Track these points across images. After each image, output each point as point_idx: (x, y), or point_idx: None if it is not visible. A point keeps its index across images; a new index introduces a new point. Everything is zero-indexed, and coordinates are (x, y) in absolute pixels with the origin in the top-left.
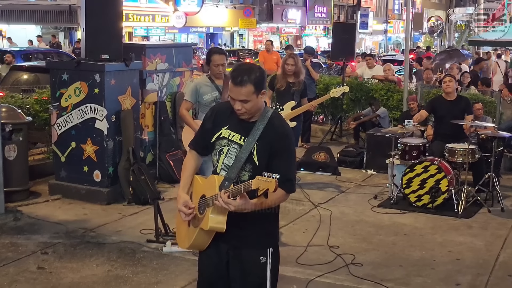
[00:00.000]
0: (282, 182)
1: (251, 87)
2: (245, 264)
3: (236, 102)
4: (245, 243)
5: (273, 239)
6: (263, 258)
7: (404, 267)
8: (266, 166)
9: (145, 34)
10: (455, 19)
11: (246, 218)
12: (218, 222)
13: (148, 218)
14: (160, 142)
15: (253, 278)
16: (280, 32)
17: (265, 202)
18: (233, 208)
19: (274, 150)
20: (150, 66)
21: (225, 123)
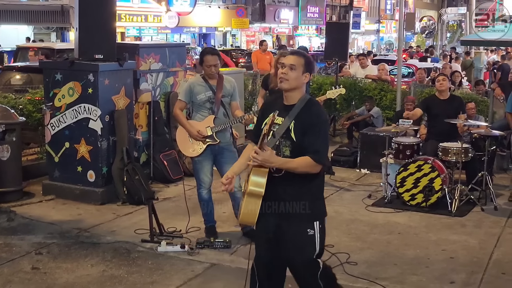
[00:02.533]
0: (310, 153)
1: (303, 60)
2: (294, 237)
3: (285, 67)
4: (293, 217)
5: (319, 212)
6: (311, 230)
7: (399, 266)
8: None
9: (138, 34)
10: (447, 19)
11: (293, 194)
12: (257, 185)
13: (143, 218)
14: (154, 142)
15: (302, 250)
16: (273, 32)
17: (291, 163)
18: (260, 159)
19: (307, 127)
20: (143, 66)
21: (271, 111)
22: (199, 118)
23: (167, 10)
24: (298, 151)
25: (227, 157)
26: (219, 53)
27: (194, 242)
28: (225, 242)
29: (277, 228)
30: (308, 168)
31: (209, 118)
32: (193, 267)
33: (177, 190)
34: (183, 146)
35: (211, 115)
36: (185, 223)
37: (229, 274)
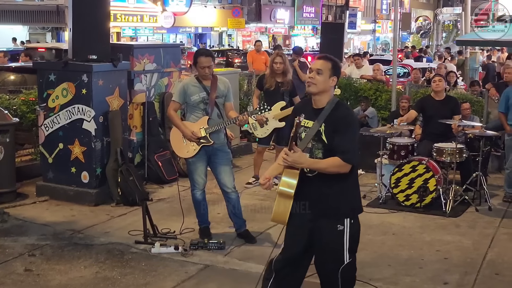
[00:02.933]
0: (339, 153)
1: (330, 64)
2: (324, 231)
3: (313, 71)
4: (324, 213)
5: (351, 209)
6: (340, 226)
7: (393, 267)
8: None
9: (133, 34)
10: (443, 19)
11: (325, 191)
12: (287, 185)
13: (137, 219)
14: (149, 143)
15: (331, 244)
16: (269, 32)
17: (320, 163)
18: (290, 160)
19: (337, 128)
20: (138, 67)
21: (301, 114)
22: (193, 119)
23: (162, 10)
24: (330, 153)
25: (221, 158)
26: (212, 54)
27: (188, 243)
28: (219, 243)
29: (310, 225)
30: (338, 168)
31: (203, 119)
32: (187, 268)
33: (171, 191)
34: (177, 147)
35: (205, 116)
36: (180, 224)
37: (223, 275)
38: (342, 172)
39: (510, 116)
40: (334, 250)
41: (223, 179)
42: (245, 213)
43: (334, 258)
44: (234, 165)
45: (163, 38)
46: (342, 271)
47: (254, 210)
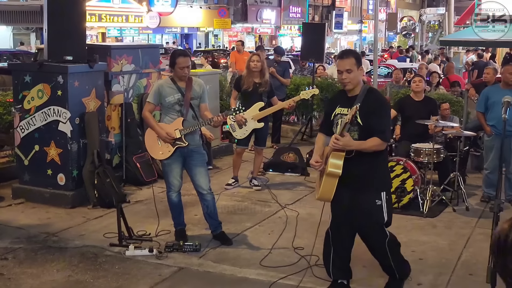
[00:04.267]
0: (377, 133)
1: (353, 59)
2: (364, 206)
3: (343, 72)
4: (363, 190)
5: (385, 184)
6: (379, 201)
7: (368, 268)
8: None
9: (119, 34)
10: (427, 19)
11: (363, 170)
12: (335, 166)
13: (113, 222)
14: (127, 144)
15: (372, 218)
16: (255, 32)
17: (365, 144)
18: (340, 143)
19: (371, 111)
20: (115, 68)
21: (337, 104)
22: (168, 120)
23: (148, 10)
24: (365, 133)
25: (196, 159)
26: (190, 55)
27: (163, 246)
28: (195, 246)
29: (350, 200)
30: (378, 147)
31: (177, 120)
32: (161, 271)
33: (149, 193)
34: (151, 149)
35: (180, 117)
36: (156, 226)
37: (197, 278)
38: (379, 150)
39: (490, 117)
40: (376, 224)
41: (199, 180)
42: (223, 215)
43: (377, 231)
44: (214, 166)
45: (148, 39)
46: (388, 243)
47: (232, 211)
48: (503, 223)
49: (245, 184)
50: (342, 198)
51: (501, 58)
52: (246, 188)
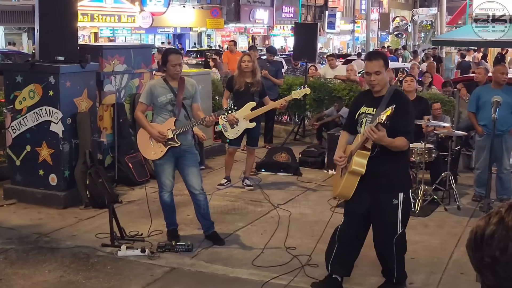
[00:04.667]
0: (402, 133)
1: (381, 61)
2: (381, 205)
3: (372, 74)
4: (381, 188)
5: (404, 185)
6: (395, 200)
7: (360, 267)
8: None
9: (111, 34)
10: (419, 19)
11: (383, 169)
12: (359, 165)
13: (105, 222)
14: (119, 145)
15: (387, 216)
16: (248, 32)
17: (394, 142)
18: (375, 136)
19: (397, 112)
20: (107, 68)
21: (362, 103)
22: (160, 120)
23: (140, 10)
24: (390, 134)
25: (188, 159)
26: (182, 53)
27: (156, 246)
28: (187, 246)
29: (369, 199)
30: (404, 147)
31: (170, 120)
32: (153, 271)
33: (142, 193)
34: (144, 149)
35: (172, 117)
36: (148, 226)
37: (189, 278)
38: (404, 149)
39: (481, 117)
40: (390, 222)
41: (191, 180)
42: (215, 215)
43: (389, 229)
44: (207, 166)
45: (141, 39)
46: (396, 240)
47: (224, 211)
48: (479, 220)
49: (237, 184)
50: (360, 196)
51: (492, 58)
52: (239, 188)
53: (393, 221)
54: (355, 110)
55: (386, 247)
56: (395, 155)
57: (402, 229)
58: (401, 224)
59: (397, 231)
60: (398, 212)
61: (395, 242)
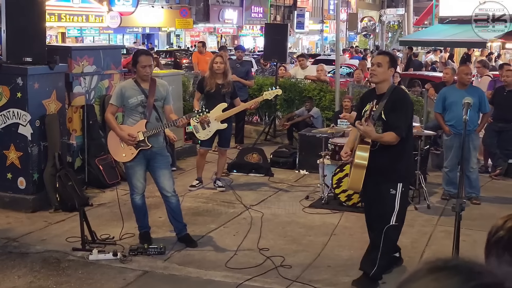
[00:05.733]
0: (393, 128)
1: (387, 57)
2: (381, 194)
3: (374, 65)
4: (382, 179)
5: (405, 176)
6: (393, 190)
7: (333, 267)
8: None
9: (79, 34)
10: (386, 20)
11: (383, 161)
12: (361, 158)
13: (75, 225)
14: (89, 147)
15: (383, 205)
16: (217, 32)
17: (382, 137)
18: (362, 129)
19: (393, 108)
20: (76, 69)
21: (368, 101)
22: (131, 122)
23: (108, 10)
24: (388, 128)
25: (160, 161)
26: (152, 54)
27: (127, 249)
28: (159, 248)
29: (372, 188)
30: (392, 141)
31: (140, 122)
32: (125, 275)
33: (112, 195)
34: (114, 151)
35: (143, 119)
36: (120, 229)
37: (162, 281)
38: (394, 144)
39: (448, 117)
40: (384, 212)
41: (162, 183)
42: (187, 216)
43: (383, 218)
44: (178, 167)
45: (109, 39)
46: (386, 230)
47: (196, 213)
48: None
49: (209, 185)
50: (367, 187)
51: (459, 58)
52: (210, 189)
53: (388, 210)
54: (361, 107)
55: (376, 234)
56: (396, 148)
57: (396, 222)
58: (396, 217)
59: (390, 221)
60: (396, 202)
61: (385, 232)
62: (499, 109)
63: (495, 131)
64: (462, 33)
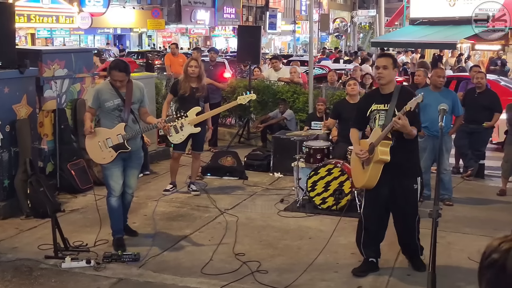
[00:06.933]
0: (413, 123)
1: (391, 59)
2: (404, 189)
3: (380, 68)
4: (403, 174)
5: (419, 170)
6: (415, 185)
7: (308, 272)
8: None
9: (49, 35)
10: (358, 21)
11: (403, 157)
12: (385, 153)
13: (47, 232)
14: (61, 151)
15: (410, 200)
16: (189, 33)
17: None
18: (400, 123)
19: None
20: (47, 73)
21: (373, 101)
22: (109, 125)
23: (79, 11)
24: None
25: (134, 161)
26: (128, 69)
27: (101, 256)
28: (134, 255)
29: (392, 185)
30: (414, 134)
31: (120, 126)
32: (99, 283)
33: (85, 201)
34: (93, 153)
35: (122, 123)
36: (93, 235)
37: None
38: (412, 138)
39: (422, 119)
40: (412, 206)
41: (129, 181)
42: (162, 222)
43: (412, 212)
44: (152, 171)
45: (80, 40)
46: (418, 220)
47: (171, 218)
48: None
49: (183, 189)
50: (382, 183)
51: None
52: (185, 193)
53: (414, 204)
54: (365, 108)
55: (410, 229)
56: (411, 145)
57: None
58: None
59: (417, 213)
60: (418, 196)
61: (417, 223)
62: (470, 111)
63: (467, 133)
64: (433, 35)
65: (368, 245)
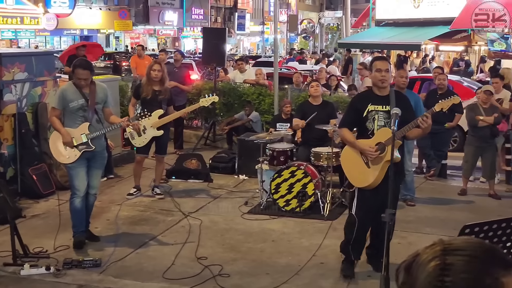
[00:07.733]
0: None
1: (388, 63)
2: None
3: (383, 71)
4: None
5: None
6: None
7: (271, 275)
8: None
9: (14, 37)
10: (325, 22)
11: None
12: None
13: (7, 239)
14: (22, 156)
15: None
16: (158, 34)
17: None
18: (429, 122)
19: (405, 107)
20: (7, 76)
21: (368, 102)
22: (72, 125)
23: (44, 11)
24: (401, 124)
25: (98, 162)
26: (91, 67)
27: (62, 262)
28: (95, 261)
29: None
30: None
31: (83, 125)
32: None
33: (47, 206)
34: (57, 153)
35: (86, 122)
36: (54, 241)
37: None
38: None
39: None
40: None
41: (93, 181)
42: (125, 226)
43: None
44: (116, 174)
45: (46, 41)
46: None
47: (134, 222)
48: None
49: (147, 192)
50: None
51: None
52: (149, 197)
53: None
54: (361, 109)
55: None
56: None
57: None
58: None
59: None
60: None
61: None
62: None
63: (429, 133)
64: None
65: (358, 247)
